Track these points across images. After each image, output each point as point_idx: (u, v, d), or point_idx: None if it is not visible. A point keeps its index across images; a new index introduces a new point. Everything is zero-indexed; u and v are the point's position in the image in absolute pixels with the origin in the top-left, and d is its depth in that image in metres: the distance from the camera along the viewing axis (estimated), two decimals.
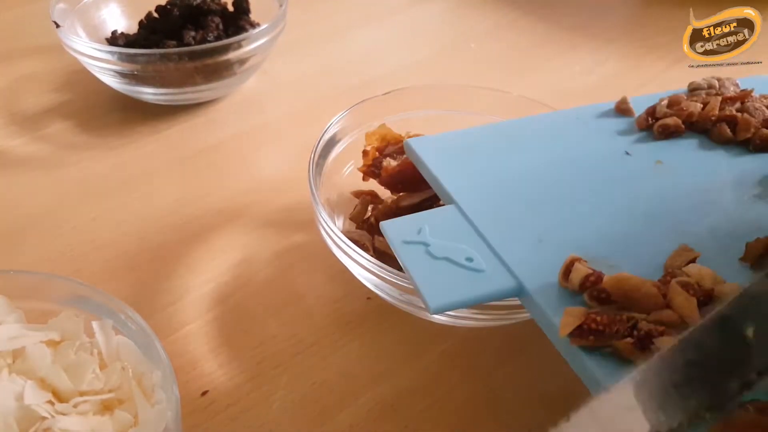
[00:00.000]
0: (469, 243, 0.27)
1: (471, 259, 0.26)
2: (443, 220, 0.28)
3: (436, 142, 0.34)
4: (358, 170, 0.39)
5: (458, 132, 0.35)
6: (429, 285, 0.25)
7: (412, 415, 0.31)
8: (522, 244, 0.27)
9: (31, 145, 0.49)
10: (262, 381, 0.33)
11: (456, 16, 0.70)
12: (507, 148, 0.34)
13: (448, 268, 0.25)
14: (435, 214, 0.29)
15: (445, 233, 0.27)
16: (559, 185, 0.31)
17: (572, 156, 0.33)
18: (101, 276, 0.38)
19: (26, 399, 0.25)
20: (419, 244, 0.26)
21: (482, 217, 0.28)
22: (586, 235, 0.28)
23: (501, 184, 0.31)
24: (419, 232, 0.27)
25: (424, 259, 0.26)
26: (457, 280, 0.25)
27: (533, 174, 0.32)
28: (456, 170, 0.31)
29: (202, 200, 0.44)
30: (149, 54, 0.47)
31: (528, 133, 0.35)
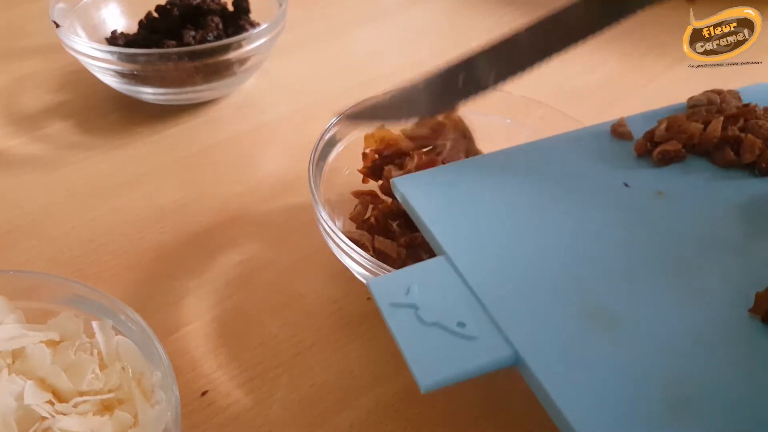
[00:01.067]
0: (462, 303, 0.24)
1: (463, 324, 0.24)
2: (433, 275, 0.26)
3: (424, 181, 0.31)
4: (358, 171, 0.39)
5: (448, 167, 0.33)
6: (419, 358, 0.23)
7: (412, 416, 0.31)
8: (517, 300, 0.25)
9: (30, 145, 0.49)
10: (262, 381, 0.33)
11: (456, 16, 0.70)
12: (499, 186, 0.31)
13: (439, 335, 0.23)
14: (425, 268, 0.26)
15: (435, 291, 0.25)
16: (555, 228, 0.29)
17: (568, 191, 0.30)
18: (101, 276, 0.38)
19: (26, 399, 0.25)
20: (408, 307, 0.24)
21: (475, 271, 0.26)
22: (586, 284, 0.25)
23: (494, 230, 0.28)
24: (408, 291, 0.25)
25: (414, 325, 0.24)
26: (449, 351, 0.23)
27: (528, 216, 0.29)
28: (446, 214, 0.29)
29: (202, 200, 0.44)
30: (149, 54, 0.47)
31: (521, 165, 0.32)
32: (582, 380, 0.22)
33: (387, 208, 0.36)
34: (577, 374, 0.22)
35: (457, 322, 0.24)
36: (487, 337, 0.23)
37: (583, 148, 0.33)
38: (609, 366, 0.23)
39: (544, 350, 0.23)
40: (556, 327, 0.24)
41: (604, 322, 0.23)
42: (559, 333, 0.24)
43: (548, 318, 0.24)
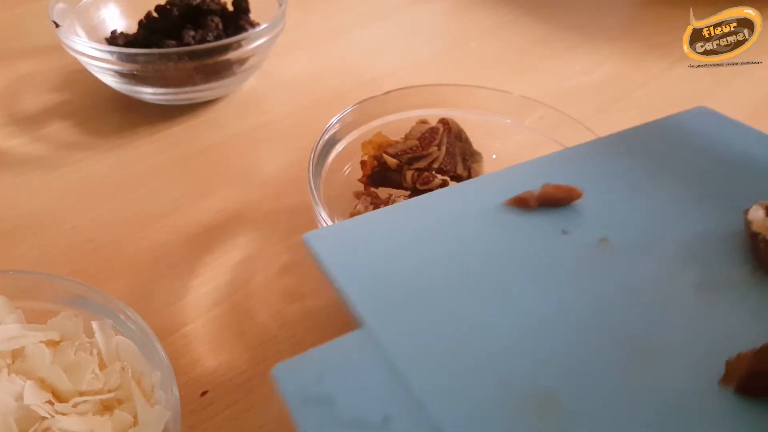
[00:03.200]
0: (387, 390, 0.20)
1: (388, 419, 0.19)
2: (352, 354, 0.21)
3: (345, 236, 0.26)
4: (358, 181, 0.39)
5: (371, 217, 0.28)
6: None
7: None
8: (451, 386, 0.20)
9: (30, 145, 0.49)
10: (261, 381, 0.33)
11: (456, 16, 0.70)
12: (426, 242, 0.26)
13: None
14: (341, 346, 0.22)
15: (354, 376, 0.20)
16: (487, 291, 0.24)
17: (499, 245, 0.26)
18: (101, 276, 0.38)
19: (26, 399, 0.25)
20: (322, 401, 0.20)
21: (401, 349, 0.21)
22: (527, 364, 0.21)
23: (422, 296, 0.23)
24: (320, 380, 0.20)
25: (329, 425, 0.19)
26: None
27: (456, 277, 0.24)
28: (366, 276, 0.24)
29: (202, 200, 0.44)
30: (149, 54, 0.47)
31: (447, 215, 0.27)
32: None
33: None
34: None
35: (383, 415, 0.19)
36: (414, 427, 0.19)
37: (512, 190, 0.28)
38: None
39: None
40: (503, 421, 0.20)
41: (546, 405, 0.20)
42: (506, 428, 0.19)
43: (489, 408, 0.20)
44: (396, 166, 0.37)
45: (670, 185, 0.29)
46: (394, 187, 0.38)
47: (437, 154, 0.37)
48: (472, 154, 0.40)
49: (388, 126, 0.41)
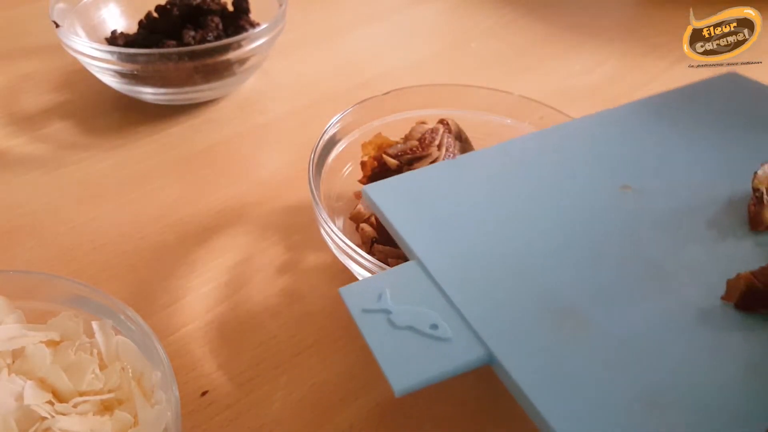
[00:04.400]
0: (434, 306, 0.24)
1: (436, 326, 0.23)
2: (405, 279, 0.26)
3: (397, 187, 0.31)
4: (359, 182, 0.39)
5: (420, 171, 0.32)
6: (393, 363, 0.23)
7: (412, 416, 0.31)
8: (489, 301, 0.25)
9: (30, 145, 0.49)
10: (262, 381, 0.33)
11: (456, 16, 0.70)
12: (471, 187, 0.31)
13: (411, 338, 0.23)
14: (396, 273, 0.26)
15: (407, 296, 0.25)
16: (529, 228, 0.28)
17: (545, 189, 0.30)
18: (101, 276, 0.38)
19: (26, 399, 0.25)
20: (380, 312, 0.24)
21: (446, 274, 0.26)
22: (557, 284, 0.25)
23: (466, 231, 0.28)
24: (380, 297, 0.25)
25: (386, 330, 0.23)
26: (422, 353, 0.23)
27: (501, 216, 0.29)
28: (417, 218, 0.29)
29: (202, 200, 0.44)
30: (149, 54, 0.47)
31: (496, 167, 0.32)
32: (556, 378, 0.22)
33: None
34: (551, 372, 0.22)
35: (430, 324, 0.23)
36: (461, 338, 0.23)
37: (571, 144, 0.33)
38: (581, 364, 0.23)
39: (517, 350, 0.23)
40: (528, 327, 0.24)
41: (576, 321, 0.23)
42: (531, 333, 0.23)
43: (520, 318, 0.24)
44: (396, 167, 0.37)
45: (699, 143, 0.32)
46: None
47: (437, 154, 0.37)
48: None
49: (388, 126, 0.41)
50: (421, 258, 0.26)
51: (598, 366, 0.22)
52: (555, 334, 0.23)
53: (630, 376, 0.22)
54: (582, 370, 0.22)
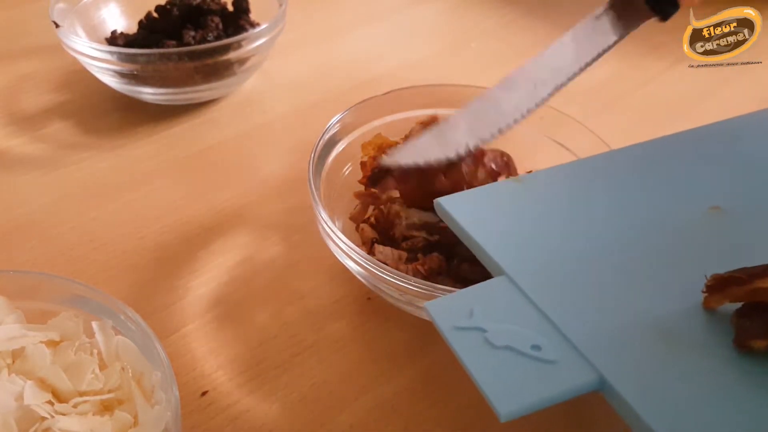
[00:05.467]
0: (532, 325, 0.23)
1: (538, 347, 0.22)
2: (496, 297, 0.24)
3: (472, 200, 0.30)
4: (359, 182, 0.39)
5: (493, 186, 0.32)
6: (495, 384, 0.21)
7: (412, 416, 0.31)
8: (591, 319, 0.23)
9: (30, 145, 0.49)
10: (262, 381, 0.33)
11: (456, 16, 0.70)
12: (553, 204, 0.29)
13: (512, 359, 0.21)
14: (485, 289, 0.25)
15: (500, 313, 0.23)
16: (621, 242, 0.27)
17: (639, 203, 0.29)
18: (101, 276, 0.38)
19: (26, 399, 0.25)
20: (474, 330, 0.22)
21: (540, 290, 0.24)
22: (655, 305, 0.24)
23: (553, 245, 0.27)
24: (471, 314, 0.23)
25: (483, 349, 0.22)
26: (526, 376, 0.21)
27: (584, 234, 0.28)
28: (499, 234, 0.27)
29: (202, 200, 0.44)
30: (149, 54, 0.47)
31: (573, 183, 0.31)
32: (671, 402, 0.21)
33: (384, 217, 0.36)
34: (666, 396, 0.21)
35: (531, 345, 0.22)
36: (568, 360, 0.22)
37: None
38: (696, 387, 0.21)
39: (628, 373, 0.21)
40: (637, 349, 0.22)
41: (676, 342, 0.22)
42: (641, 355, 0.22)
43: (625, 339, 0.22)
44: None
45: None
46: (394, 187, 0.38)
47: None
48: None
49: (388, 126, 0.41)
50: (510, 273, 0.25)
51: (715, 392, 0.21)
52: (666, 356, 0.22)
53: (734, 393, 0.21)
54: (698, 394, 0.21)
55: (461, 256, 0.34)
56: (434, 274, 0.33)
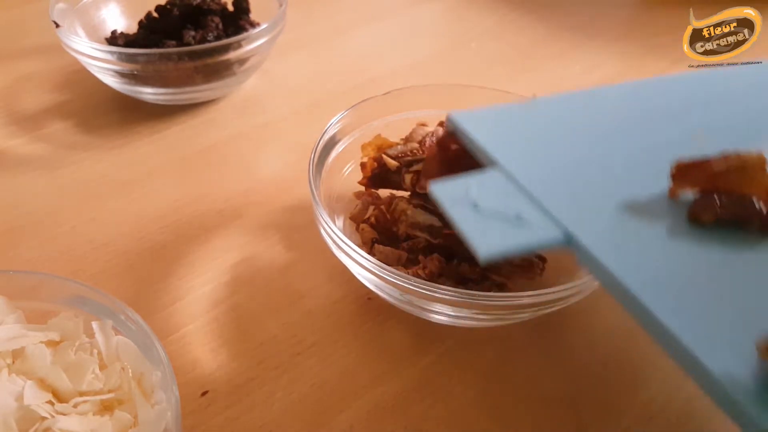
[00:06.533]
0: (517, 201, 0.27)
1: (520, 216, 0.26)
2: (489, 181, 0.29)
3: (478, 114, 0.34)
4: (359, 183, 0.39)
5: (501, 105, 0.35)
6: (478, 235, 0.25)
7: (412, 416, 0.31)
8: (568, 196, 0.28)
9: (30, 145, 0.49)
10: (262, 381, 0.33)
11: (456, 16, 0.70)
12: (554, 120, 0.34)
13: (498, 222, 0.26)
14: (480, 176, 0.29)
15: (492, 194, 0.28)
16: (602, 150, 0.31)
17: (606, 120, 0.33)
18: (101, 276, 0.38)
19: (26, 399, 0.25)
20: (468, 203, 0.27)
21: (527, 176, 0.29)
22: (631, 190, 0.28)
23: (545, 144, 0.31)
24: (467, 192, 0.27)
25: (474, 215, 0.26)
26: (505, 232, 0.26)
27: (578, 141, 0.32)
28: (500, 136, 0.32)
29: (202, 200, 0.44)
30: (149, 54, 0.47)
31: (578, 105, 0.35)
32: (630, 253, 0.25)
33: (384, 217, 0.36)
34: (622, 248, 0.25)
35: (514, 213, 0.26)
36: (542, 223, 0.26)
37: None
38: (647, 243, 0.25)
39: (593, 232, 0.25)
40: (602, 216, 0.27)
41: (640, 214, 0.26)
42: (605, 220, 0.26)
43: (594, 208, 0.27)
44: (396, 168, 0.37)
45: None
46: (395, 188, 0.38)
47: None
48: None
49: (388, 126, 0.41)
50: (502, 163, 0.29)
51: (667, 248, 0.25)
52: (628, 221, 0.26)
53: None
54: (651, 248, 0.25)
55: (461, 256, 0.34)
56: (435, 276, 0.33)
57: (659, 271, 0.24)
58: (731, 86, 0.35)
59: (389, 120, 0.42)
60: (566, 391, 0.33)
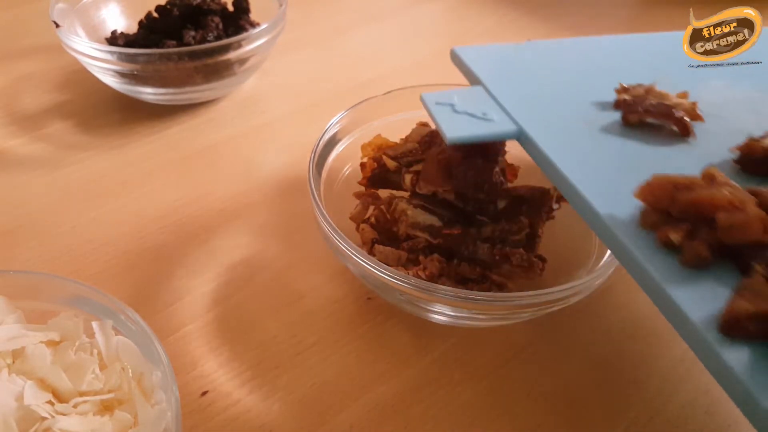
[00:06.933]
0: (487, 106, 0.33)
1: (486, 114, 0.33)
2: (470, 93, 0.35)
3: (478, 49, 0.40)
4: (359, 183, 0.39)
5: (500, 45, 0.41)
6: (448, 124, 0.31)
7: (412, 416, 0.31)
8: (530, 105, 0.33)
9: (31, 145, 0.49)
10: (262, 381, 0.33)
11: (456, 16, 0.70)
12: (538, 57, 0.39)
13: (466, 118, 0.32)
14: (464, 90, 0.35)
15: (469, 101, 0.34)
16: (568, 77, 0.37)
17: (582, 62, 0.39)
18: (101, 276, 0.38)
19: (26, 399, 0.25)
20: (447, 105, 0.33)
21: (502, 92, 0.34)
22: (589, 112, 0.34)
23: (523, 75, 0.37)
24: (449, 99, 0.34)
25: (449, 112, 0.33)
26: (471, 124, 0.32)
27: (550, 73, 0.38)
28: (488, 64, 0.37)
29: (202, 200, 0.44)
30: (149, 54, 0.47)
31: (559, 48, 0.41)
32: (566, 144, 0.31)
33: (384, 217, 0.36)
34: (564, 141, 0.31)
35: (482, 113, 0.33)
36: (502, 120, 0.32)
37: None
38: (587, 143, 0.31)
39: (542, 130, 0.31)
40: (556, 122, 0.32)
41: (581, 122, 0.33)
42: (555, 122, 0.32)
43: (550, 116, 0.33)
44: (395, 168, 0.37)
45: None
46: (394, 188, 0.38)
47: None
48: None
49: (388, 126, 0.41)
50: (484, 81, 0.35)
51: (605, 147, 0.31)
52: (575, 126, 0.32)
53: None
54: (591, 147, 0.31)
55: (461, 256, 0.34)
56: (435, 278, 0.33)
57: (584, 154, 0.30)
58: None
59: (389, 120, 0.42)
60: (566, 391, 0.33)
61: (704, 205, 0.25)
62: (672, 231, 0.25)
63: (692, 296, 0.23)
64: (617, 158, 0.31)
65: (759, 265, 0.23)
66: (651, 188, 0.26)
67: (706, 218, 0.25)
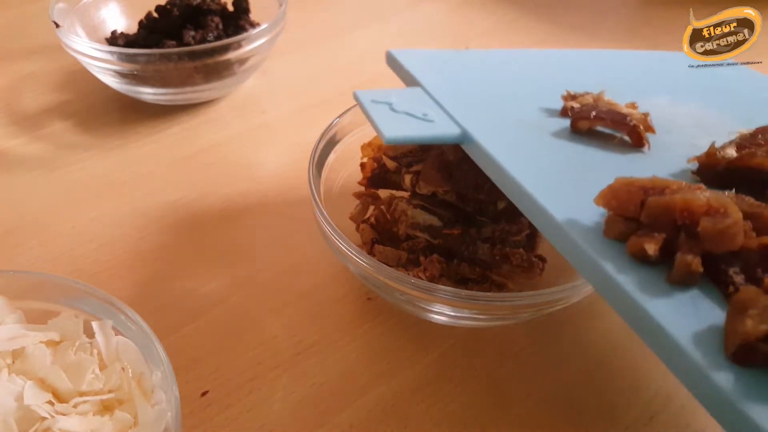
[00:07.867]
0: (427, 106, 0.32)
1: (427, 114, 0.31)
2: (408, 93, 0.33)
3: (418, 53, 0.39)
4: (359, 183, 0.39)
5: (439, 50, 0.41)
6: (386, 124, 0.29)
7: (412, 416, 0.31)
8: (472, 107, 0.32)
9: (31, 145, 0.49)
10: (262, 381, 0.33)
11: (456, 16, 0.70)
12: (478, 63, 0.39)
13: (405, 118, 0.31)
14: (402, 90, 0.34)
15: (407, 101, 0.32)
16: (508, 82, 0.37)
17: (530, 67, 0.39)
18: (101, 276, 0.38)
19: (26, 399, 0.25)
20: (385, 103, 0.31)
21: (441, 91, 0.33)
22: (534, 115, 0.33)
23: (464, 78, 0.36)
24: (386, 98, 0.32)
25: (388, 112, 0.31)
26: (411, 125, 0.30)
27: (492, 77, 0.37)
28: (426, 67, 0.36)
29: (202, 200, 0.44)
30: (149, 54, 0.47)
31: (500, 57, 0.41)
32: (512, 147, 0.29)
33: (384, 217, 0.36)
34: (513, 147, 0.30)
35: (422, 113, 0.31)
36: (444, 121, 0.31)
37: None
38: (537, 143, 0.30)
39: (487, 133, 0.30)
40: (501, 124, 0.32)
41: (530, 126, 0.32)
42: (498, 126, 0.31)
43: (493, 120, 0.32)
44: (395, 168, 0.37)
45: None
46: (394, 188, 0.38)
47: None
48: None
49: None
50: (422, 82, 0.34)
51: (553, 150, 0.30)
52: (520, 129, 0.31)
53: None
54: (537, 149, 0.30)
55: (461, 256, 0.34)
56: (435, 279, 0.33)
57: (535, 159, 0.29)
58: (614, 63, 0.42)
59: None
60: (566, 391, 0.33)
61: (680, 210, 0.22)
62: (646, 241, 0.22)
63: (675, 315, 0.21)
64: (571, 164, 0.29)
65: (738, 275, 0.21)
66: (615, 192, 0.24)
67: (684, 225, 0.22)
